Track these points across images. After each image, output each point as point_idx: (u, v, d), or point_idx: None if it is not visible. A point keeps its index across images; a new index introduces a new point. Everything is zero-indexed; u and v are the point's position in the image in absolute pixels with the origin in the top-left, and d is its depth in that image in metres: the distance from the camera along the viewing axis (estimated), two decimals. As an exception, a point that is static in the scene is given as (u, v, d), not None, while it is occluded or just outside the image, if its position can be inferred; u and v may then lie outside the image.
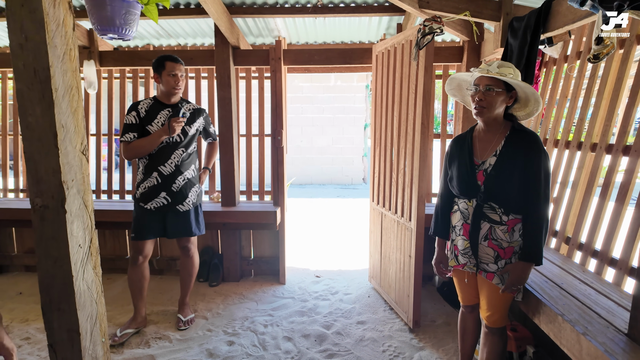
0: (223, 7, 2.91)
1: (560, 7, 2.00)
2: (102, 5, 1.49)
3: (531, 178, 1.58)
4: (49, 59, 1.22)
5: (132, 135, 2.44)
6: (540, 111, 1.74)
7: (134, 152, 2.43)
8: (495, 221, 1.66)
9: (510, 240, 1.65)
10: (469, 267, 1.76)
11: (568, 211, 2.24)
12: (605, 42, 1.58)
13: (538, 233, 1.58)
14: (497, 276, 1.68)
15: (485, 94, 1.62)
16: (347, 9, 3.11)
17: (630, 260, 1.75)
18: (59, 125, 1.27)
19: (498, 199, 1.64)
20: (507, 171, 1.61)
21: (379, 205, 3.16)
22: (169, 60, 2.43)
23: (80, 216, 1.36)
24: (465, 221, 1.74)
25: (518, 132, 1.65)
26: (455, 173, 1.77)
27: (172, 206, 2.53)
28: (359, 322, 2.79)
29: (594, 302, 1.61)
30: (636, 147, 1.79)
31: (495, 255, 1.67)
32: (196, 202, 2.65)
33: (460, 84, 1.85)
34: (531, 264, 1.61)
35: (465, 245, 1.75)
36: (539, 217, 1.58)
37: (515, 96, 1.67)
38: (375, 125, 3.20)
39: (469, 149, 1.74)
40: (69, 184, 1.31)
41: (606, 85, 2.04)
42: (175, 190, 2.52)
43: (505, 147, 1.64)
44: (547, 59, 2.67)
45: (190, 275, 2.76)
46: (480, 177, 1.68)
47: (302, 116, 9.57)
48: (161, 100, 2.52)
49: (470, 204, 1.72)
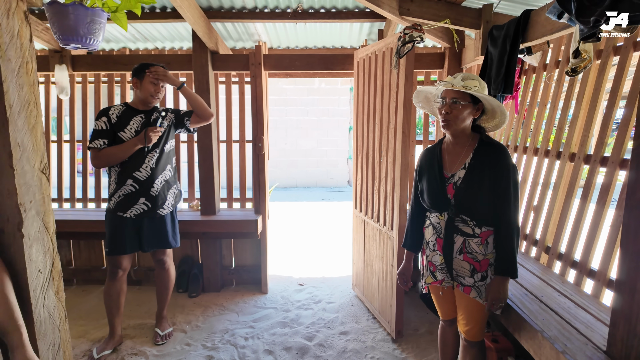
0: (200, 12, 2.83)
1: (538, 17, 2.00)
2: (63, 13, 1.41)
3: (501, 190, 1.58)
4: (1, 73, 1.14)
5: (102, 141, 2.31)
6: (507, 123, 1.73)
7: (105, 160, 2.31)
8: (469, 234, 1.64)
9: (485, 252, 1.64)
10: (446, 282, 1.74)
11: (548, 220, 2.24)
12: (582, 56, 1.58)
13: (510, 245, 1.58)
14: (474, 289, 1.66)
15: (451, 107, 1.60)
16: (327, 14, 3.07)
17: (609, 272, 1.76)
18: (14, 144, 1.19)
19: (469, 212, 1.63)
20: (477, 184, 1.60)
21: (361, 213, 3.13)
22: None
23: (40, 239, 1.28)
24: (439, 236, 1.72)
25: (486, 145, 1.65)
26: (425, 186, 1.75)
27: (151, 212, 2.42)
28: (341, 332, 2.75)
29: (573, 317, 1.61)
30: (613, 158, 1.79)
31: (471, 269, 1.66)
32: (175, 205, 2.57)
33: (428, 96, 1.83)
34: (507, 278, 1.60)
35: (441, 260, 1.72)
36: (510, 228, 1.58)
37: (482, 108, 1.66)
38: (357, 132, 3.17)
39: (438, 162, 1.72)
40: (26, 206, 1.23)
41: (584, 95, 2.05)
42: (155, 195, 2.42)
43: (474, 160, 1.63)
44: (526, 67, 2.68)
45: (167, 288, 2.67)
46: (450, 191, 1.67)
47: (287, 118, 9.50)
48: (134, 106, 2.43)
49: (442, 217, 1.70)
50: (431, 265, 1.78)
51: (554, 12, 1.60)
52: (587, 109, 2.05)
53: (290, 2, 2.97)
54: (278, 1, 2.94)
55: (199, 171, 3.29)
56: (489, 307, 1.61)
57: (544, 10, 1.94)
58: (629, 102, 1.74)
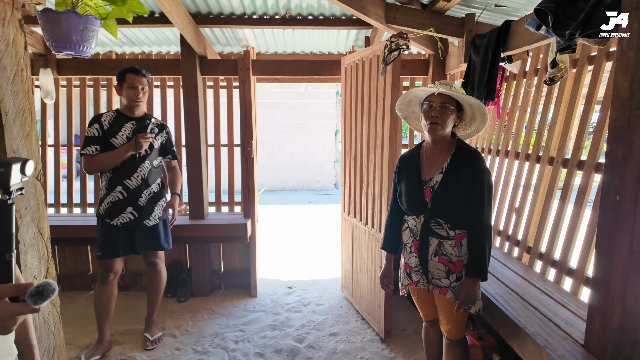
0: (189, 18, 2.85)
1: (518, 28, 2.09)
2: (56, 21, 1.42)
3: (475, 195, 1.64)
4: (-3, 81, 1.15)
5: (94, 148, 2.34)
6: (481, 132, 1.81)
7: (97, 166, 2.33)
8: (443, 236, 1.69)
9: (459, 254, 1.69)
10: (422, 283, 1.78)
11: (529, 221, 2.33)
12: (559, 66, 1.67)
13: (482, 247, 1.63)
14: (450, 290, 1.70)
15: (440, 112, 1.65)
16: (315, 21, 3.13)
17: (586, 271, 1.85)
18: (9, 151, 1.19)
19: (444, 215, 1.68)
20: (453, 188, 1.65)
21: (349, 216, 3.18)
22: (130, 72, 2.36)
23: (35, 245, 1.29)
24: (415, 238, 1.77)
25: (463, 151, 1.71)
26: (404, 189, 1.79)
27: (139, 222, 2.44)
28: (331, 334, 2.79)
29: (554, 313, 1.69)
30: (589, 162, 1.89)
31: (446, 270, 1.70)
32: (163, 216, 2.59)
33: (412, 100, 1.85)
34: (478, 280, 1.64)
35: (416, 262, 1.77)
36: (483, 232, 1.63)
37: (462, 117, 1.73)
38: (345, 136, 3.23)
39: (417, 166, 1.77)
40: (21, 212, 1.23)
41: (561, 102, 2.15)
42: (142, 205, 2.44)
43: (451, 165, 1.69)
44: (507, 73, 2.78)
45: (158, 291, 2.68)
46: (427, 194, 1.71)
47: (273, 122, 9.52)
48: (124, 112, 2.45)
49: (418, 220, 1.74)
50: (407, 267, 1.82)
51: (532, 24, 1.68)
52: (564, 115, 2.15)
53: (278, 9, 3.01)
54: (267, 8, 2.98)
55: (187, 175, 3.30)
56: (458, 307, 1.64)
57: (524, 21, 2.03)
58: (603, 106, 1.84)
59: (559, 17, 1.45)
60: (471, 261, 1.65)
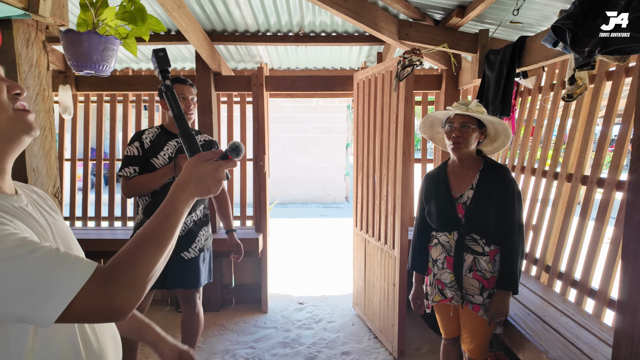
0: (204, 35, 2.90)
1: (534, 44, 2.07)
2: (78, 41, 1.45)
3: (507, 209, 1.68)
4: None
5: (132, 169, 2.05)
6: (508, 145, 1.84)
7: (134, 189, 2.05)
8: (478, 252, 1.71)
9: (493, 270, 1.71)
10: (455, 300, 1.77)
11: (547, 239, 2.28)
12: (577, 83, 1.64)
13: (514, 261, 1.66)
14: (482, 307, 1.71)
15: (461, 131, 1.70)
16: (328, 38, 3.16)
17: (609, 292, 1.78)
18: (29, 169, 1.21)
19: (479, 231, 1.70)
20: (485, 203, 1.69)
21: (362, 231, 3.15)
22: (178, 83, 2.07)
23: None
24: (448, 254, 1.77)
25: (491, 166, 1.75)
26: (434, 208, 1.81)
27: (175, 254, 2.07)
28: (343, 352, 2.74)
29: (576, 337, 1.63)
30: (610, 180, 1.84)
31: (480, 287, 1.71)
32: (204, 247, 2.21)
33: (434, 122, 1.93)
34: (509, 293, 1.67)
35: (451, 278, 1.76)
36: (515, 245, 1.67)
37: (485, 132, 1.76)
38: (357, 151, 3.22)
39: (445, 184, 1.80)
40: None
41: (579, 118, 2.12)
42: (182, 234, 2.09)
43: (481, 181, 1.73)
44: (522, 88, 2.76)
45: (195, 335, 2.23)
46: (460, 210, 1.74)
47: (284, 135, 9.58)
48: (169, 129, 2.15)
49: (451, 236, 1.76)
50: (439, 283, 1.81)
51: (549, 40, 1.66)
52: (582, 130, 2.11)
53: (292, 26, 3.05)
54: (280, 25, 3.03)
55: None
56: (490, 321, 1.66)
57: (540, 37, 2.02)
58: (624, 119, 1.80)
59: (577, 34, 1.43)
60: (502, 274, 1.66)
